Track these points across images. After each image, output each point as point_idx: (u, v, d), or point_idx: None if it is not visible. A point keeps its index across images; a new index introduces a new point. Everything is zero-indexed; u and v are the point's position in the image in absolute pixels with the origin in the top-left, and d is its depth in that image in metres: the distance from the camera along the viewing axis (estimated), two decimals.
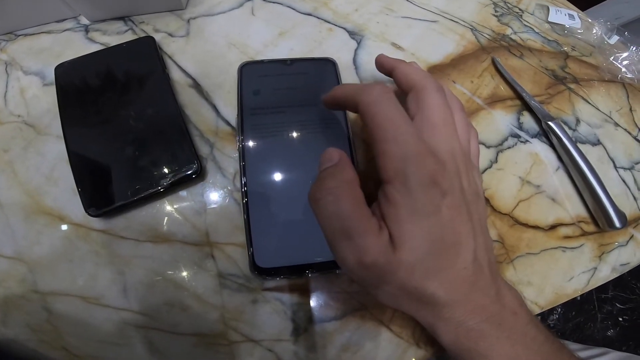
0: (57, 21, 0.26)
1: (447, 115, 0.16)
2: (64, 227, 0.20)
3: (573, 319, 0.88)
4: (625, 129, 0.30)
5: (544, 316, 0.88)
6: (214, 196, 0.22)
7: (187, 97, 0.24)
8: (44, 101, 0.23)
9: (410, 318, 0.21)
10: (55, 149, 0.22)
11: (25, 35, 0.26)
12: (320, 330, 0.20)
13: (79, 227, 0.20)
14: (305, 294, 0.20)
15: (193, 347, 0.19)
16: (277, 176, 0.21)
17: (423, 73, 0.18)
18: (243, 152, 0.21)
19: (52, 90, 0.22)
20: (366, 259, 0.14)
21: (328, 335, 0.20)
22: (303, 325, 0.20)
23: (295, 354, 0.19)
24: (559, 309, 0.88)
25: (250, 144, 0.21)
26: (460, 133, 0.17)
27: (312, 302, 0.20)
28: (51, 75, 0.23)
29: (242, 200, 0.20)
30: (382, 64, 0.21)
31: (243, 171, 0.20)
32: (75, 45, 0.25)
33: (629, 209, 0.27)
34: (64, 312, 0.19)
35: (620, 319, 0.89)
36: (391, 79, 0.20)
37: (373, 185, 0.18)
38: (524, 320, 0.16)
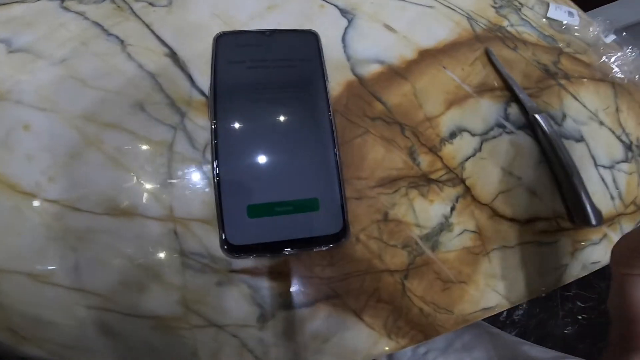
0: None
1: None
2: (14, 196, 0.17)
3: (537, 315, 0.83)
4: (609, 128, 0.27)
5: (510, 312, 0.82)
6: (182, 168, 0.18)
7: (160, 66, 0.20)
8: (8, 67, 0.19)
9: (382, 308, 0.19)
10: (14, 114, 0.18)
11: None
12: (288, 316, 0.17)
13: (30, 196, 0.17)
14: (274, 278, 0.18)
15: (151, 330, 0.16)
16: (252, 150, 0.18)
17: None
18: (216, 123, 0.17)
19: (17, 57, 0.19)
20: None
21: (297, 322, 0.17)
22: (271, 311, 0.17)
23: (261, 341, 0.17)
24: (524, 305, 0.83)
25: (224, 115, 0.18)
26: None
27: (281, 287, 0.18)
28: (18, 43, 0.19)
29: (213, 173, 0.17)
30: None
31: (215, 144, 0.17)
32: (48, 14, 0.21)
33: (605, 208, 0.25)
34: (10, 290, 0.16)
35: (580, 317, 0.84)
36: None
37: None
38: None
